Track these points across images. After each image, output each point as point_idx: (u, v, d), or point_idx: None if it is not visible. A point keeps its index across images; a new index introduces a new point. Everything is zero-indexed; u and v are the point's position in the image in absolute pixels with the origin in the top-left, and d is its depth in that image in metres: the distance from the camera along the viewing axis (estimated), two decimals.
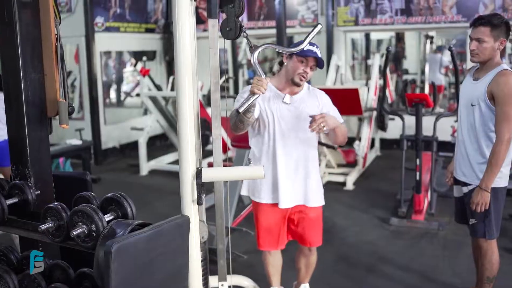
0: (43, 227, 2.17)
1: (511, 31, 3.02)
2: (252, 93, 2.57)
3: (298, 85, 2.99)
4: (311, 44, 2.90)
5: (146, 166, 7.39)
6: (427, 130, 5.23)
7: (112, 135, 8.47)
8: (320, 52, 3.00)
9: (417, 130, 5.03)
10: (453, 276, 3.92)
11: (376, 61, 7.36)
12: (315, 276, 3.93)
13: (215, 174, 2.37)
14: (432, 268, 4.09)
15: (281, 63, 3.11)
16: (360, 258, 4.33)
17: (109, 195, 2.30)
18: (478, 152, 3.08)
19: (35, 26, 2.61)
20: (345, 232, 4.91)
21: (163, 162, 7.65)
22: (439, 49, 12.44)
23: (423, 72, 11.86)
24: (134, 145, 8.30)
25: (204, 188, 2.34)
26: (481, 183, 2.99)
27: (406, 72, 12.86)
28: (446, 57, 11.19)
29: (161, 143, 9.53)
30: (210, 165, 5.96)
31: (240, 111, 2.55)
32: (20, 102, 2.53)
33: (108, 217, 2.18)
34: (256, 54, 2.54)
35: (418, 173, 4.97)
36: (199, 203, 2.33)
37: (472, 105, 3.06)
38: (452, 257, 4.28)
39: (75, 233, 2.06)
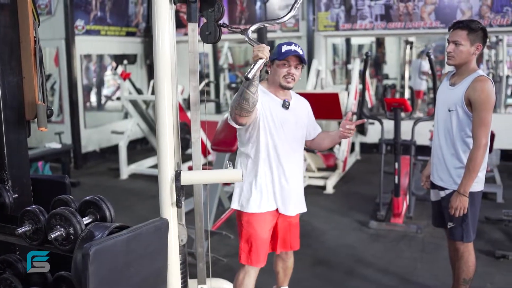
0: (20, 230, 2.17)
1: (488, 38, 3.08)
2: (256, 59, 2.51)
3: (287, 88, 2.93)
4: (288, 44, 2.90)
5: (126, 170, 7.36)
6: (405, 134, 5.30)
7: (92, 139, 8.41)
8: (301, 49, 2.97)
9: (395, 134, 5.08)
10: (431, 278, 3.97)
11: (356, 66, 7.43)
12: (294, 279, 3.95)
13: (194, 177, 2.37)
14: (411, 270, 4.13)
15: (267, 72, 3.09)
16: (339, 261, 4.35)
17: (87, 198, 2.30)
18: (455, 157, 3.11)
19: (13, 29, 2.60)
20: (324, 236, 4.93)
21: (143, 166, 7.62)
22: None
23: (403, 77, 12.00)
24: (114, 149, 8.25)
25: (183, 191, 2.35)
26: (460, 188, 3.01)
27: (386, 77, 12.98)
28: (426, 62, 11.31)
29: (142, 147, 9.50)
30: (190, 168, 5.95)
31: (250, 76, 2.50)
32: None
33: (86, 220, 2.18)
34: (250, 31, 2.55)
35: (396, 177, 5.02)
36: (178, 206, 2.33)
37: (449, 111, 3.10)
38: (430, 260, 4.33)
39: (52, 236, 2.06)
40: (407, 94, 10.15)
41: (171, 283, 2.36)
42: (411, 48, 12.34)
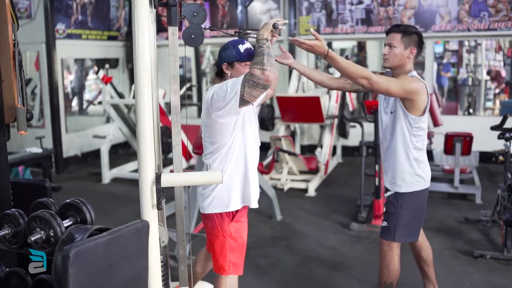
0: (0, 233, 2.16)
1: (423, 43, 3.13)
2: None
3: None
4: (241, 42, 2.85)
5: (108, 174, 7.33)
6: None
7: (73, 143, 8.36)
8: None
9: (376, 137, 5.14)
10: (410, 278, 4.01)
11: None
12: (278, 280, 3.99)
13: (175, 179, 2.39)
14: None
15: (218, 74, 2.99)
16: (321, 262, 4.39)
17: (67, 200, 2.31)
18: (400, 161, 3.14)
19: None
20: (306, 238, 4.96)
21: (125, 170, 7.59)
22: None
23: None
24: (96, 154, 8.21)
25: (164, 194, 2.36)
26: (327, 52, 2.81)
27: None
28: None
29: (124, 151, 9.47)
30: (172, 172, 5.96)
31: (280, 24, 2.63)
32: None
33: (66, 222, 2.19)
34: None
35: (377, 179, 5.07)
36: (159, 208, 2.35)
37: (391, 113, 3.15)
38: (410, 260, 4.34)
39: (32, 239, 2.06)
40: None
41: (152, 285, 2.36)
42: None
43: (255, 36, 2.75)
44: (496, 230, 4.90)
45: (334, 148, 8.09)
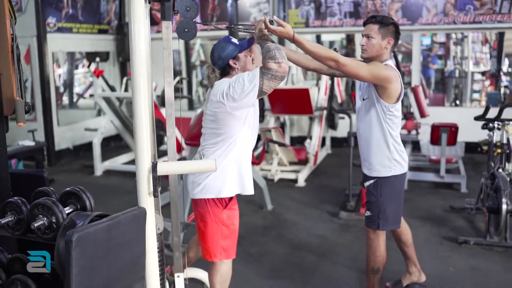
0: (3, 221, 2.25)
1: (400, 33, 3.21)
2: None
3: None
4: (230, 38, 2.98)
5: (100, 166, 7.40)
6: None
7: (65, 136, 8.42)
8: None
9: None
10: (397, 264, 4.13)
11: None
12: (268, 267, 4.11)
13: (170, 167, 2.49)
14: None
15: (226, 73, 3.03)
16: (311, 250, 4.51)
17: (68, 189, 2.41)
18: (377, 146, 3.25)
19: None
20: (296, 227, 5.09)
21: (117, 162, 7.67)
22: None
23: None
24: (88, 146, 8.28)
25: (160, 182, 2.47)
26: (293, 36, 2.88)
27: None
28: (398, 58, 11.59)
29: (115, 144, 9.53)
30: None
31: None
32: None
33: (67, 210, 2.29)
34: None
35: None
36: (155, 195, 2.45)
37: (363, 99, 3.26)
38: (396, 247, 4.51)
39: (35, 225, 2.15)
40: None
41: (149, 269, 2.47)
42: None
43: (245, 30, 2.86)
44: (480, 217, 5.05)
45: (324, 139, 8.22)
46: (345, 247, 4.56)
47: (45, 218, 2.17)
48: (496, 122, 4.73)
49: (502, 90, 10.74)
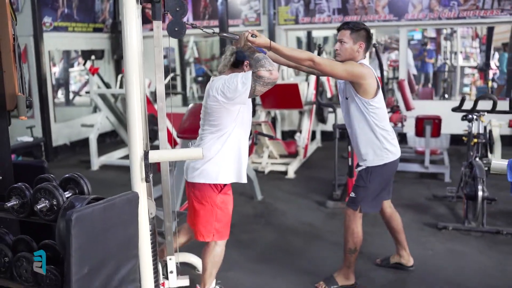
0: (8, 204, 2.48)
1: (371, 37, 3.48)
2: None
3: None
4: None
5: (97, 161, 7.61)
6: None
7: (62, 133, 8.62)
8: None
9: None
10: (379, 248, 4.37)
11: None
12: (258, 252, 4.34)
13: (160, 155, 2.72)
14: (362, 242, 4.53)
15: (235, 65, 3.27)
16: (298, 236, 4.74)
17: (66, 175, 2.64)
18: (366, 139, 3.52)
19: None
20: (285, 215, 5.32)
21: (113, 157, 7.87)
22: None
23: None
24: (84, 142, 8.48)
25: (151, 169, 2.70)
26: (270, 44, 3.10)
27: None
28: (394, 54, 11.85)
29: (111, 140, 9.73)
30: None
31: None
32: None
33: (67, 194, 2.52)
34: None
35: (350, 159, 5.43)
36: (147, 180, 2.68)
37: (346, 99, 3.53)
38: (380, 233, 4.73)
39: (38, 207, 2.39)
40: None
41: (142, 248, 2.69)
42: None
43: (227, 37, 3.18)
44: (461, 205, 5.28)
45: (314, 133, 8.45)
46: (330, 233, 4.79)
47: (47, 201, 2.40)
48: (473, 114, 4.97)
49: (490, 83, 10.99)
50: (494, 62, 11.97)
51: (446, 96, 11.44)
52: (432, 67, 12.80)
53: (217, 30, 3.41)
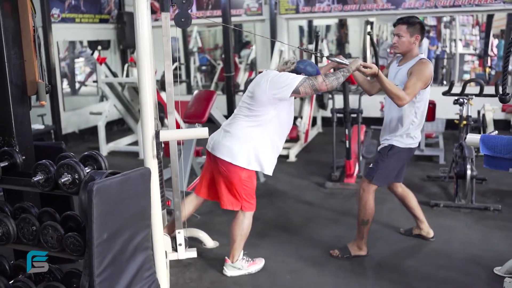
0: (35, 179, 2.77)
1: (425, 29, 3.83)
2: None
3: None
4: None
5: (105, 147, 7.89)
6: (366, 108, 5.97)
7: (71, 121, 8.92)
8: None
9: (345, 104, 5.74)
10: (375, 225, 4.64)
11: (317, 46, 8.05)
12: (258, 230, 4.62)
13: (170, 134, 3.01)
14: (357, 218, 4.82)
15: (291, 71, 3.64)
16: (298, 215, 5.03)
17: (85, 153, 2.93)
18: (398, 123, 3.84)
19: (14, 20, 3.17)
20: (285, 195, 5.61)
21: (121, 144, 8.16)
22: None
23: (364, 56, 12.69)
24: (92, 130, 8.77)
25: (162, 147, 2.99)
26: (378, 73, 3.55)
27: (349, 56, 13.65)
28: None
29: (118, 128, 10.02)
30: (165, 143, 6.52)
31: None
32: (5, 83, 3.12)
33: (86, 169, 2.80)
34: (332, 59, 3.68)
35: (347, 142, 5.71)
36: (158, 158, 2.97)
37: (396, 85, 3.81)
38: (376, 211, 4.95)
39: (62, 180, 2.68)
40: None
41: (154, 219, 2.99)
42: (371, 28, 13.06)
43: (336, 61, 3.62)
44: (452, 184, 5.55)
45: (315, 118, 8.72)
46: (328, 212, 5.07)
47: (70, 175, 2.70)
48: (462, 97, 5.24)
49: (488, 70, 11.21)
50: (492, 49, 12.16)
51: (445, 82, 11.65)
52: (433, 54, 13.01)
53: (326, 53, 3.89)
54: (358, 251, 4.04)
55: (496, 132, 3.03)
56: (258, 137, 3.58)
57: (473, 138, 2.83)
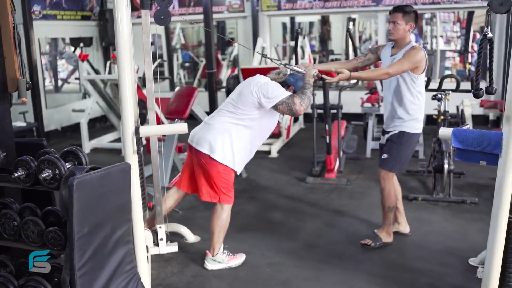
0: (16, 174, 2.79)
1: (418, 18, 3.98)
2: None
3: None
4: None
5: (88, 144, 7.90)
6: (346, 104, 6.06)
7: (53, 118, 8.89)
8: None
9: (325, 100, 5.80)
10: (354, 217, 4.75)
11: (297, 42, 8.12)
12: (240, 224, 4.68)
13: (149, 130, 3.05)
14: (337, 212, 4.91)
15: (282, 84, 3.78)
16: (279, 209, 5.09)
17: (66, 148, 2.96)
18: (403, 109, 3.98)
19: None
20: (267, 190, 5.67)
21: (104, 141, 8.16)
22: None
23: (347, 53, 12.80)
24: (74, 127, 8.77)
25: (142, 142, 3.02)
26: (350, 75, 3.79)
27: (332, 52, 13.77)
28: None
29: (101, 125, 10.01)
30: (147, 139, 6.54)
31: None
32: None
33: (67, 165, 2.83)
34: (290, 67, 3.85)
35: (328, 137, 5.79)
36: (138, 153, 3.01)
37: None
38: (355, 204, 5.12)
39: (43, 176, 2.70)
40: None
41: (135, 213, 3.03)
42: (353, 24, 13.18)
43: (293, 70, 3.82)
44: (431, 179, 5.66)
45: None
46: (309, 206, 5.14)
47: (50, 171, 2.72)
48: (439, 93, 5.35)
49: (468, 66, 11.35)
50: (472, 46, 12.32)
51: (426, 78, 11.77)
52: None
53: (284, 62, 4.10)
54: (388, 238, 4.19)
55: (469, 126, 3.11)
56: (237, 135, 3.68)
57: (445, 131, 2.91)
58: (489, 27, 2.89)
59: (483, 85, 3.12)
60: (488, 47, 3.02)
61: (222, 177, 3.71)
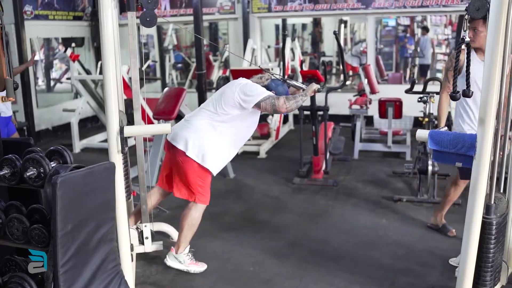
0: (1, 172, 2.84)
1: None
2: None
3: None
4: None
5: (78, 144, 7.94)
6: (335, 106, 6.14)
7: (44, 118, 8.93)
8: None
9: (312, 102, 5.87)
10: (338, 218, 4.82)
11: (287, 44, 8.20)
12: (224, 223, 4.74)
13: (134, 130, 3.11)
14: (323, 213, 4.98)
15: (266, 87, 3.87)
16: (265, 208, 5.16)
17: (52, 148, 3.01)
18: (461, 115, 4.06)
19: None
20: (254, 190, 5.74)
21: (94, 140, 8.21)
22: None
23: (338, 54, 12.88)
24: (66, 127, 8.80)
25: (127, 142, 3.08)
26: None
27: (323, 54, 13.85)
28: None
29: (92, 125, 10.05)
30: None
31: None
32: None
33: (52, 164, 2.88)
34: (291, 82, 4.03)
35: (314, 138, 5.85)
36: (123, 152, 3.07)
37: None
38: (340, 205, 5.18)
39: (28, 174, 2.76)
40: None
41: (119, 212, 3.08)
42: (345, 26, 13.28)
43: (296, 85, 4.01)
44: (416, 180, 5.74)
45: (286, 116, 8.87)
46: (294, 206, 5.21)
47: (35, 169, 2.77)
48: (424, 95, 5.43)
49: None
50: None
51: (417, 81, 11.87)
52: (406, 53, 13.30)
53: (285, 77, 4.16)
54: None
55: (446, 128, 3.17)
56: (213, 134, 3.70)
57: (422, 133, 2.99)
58: (467, 31, 2.95)
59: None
60: (466, 50, 3.09)
61: (198, 176, 3.72)
